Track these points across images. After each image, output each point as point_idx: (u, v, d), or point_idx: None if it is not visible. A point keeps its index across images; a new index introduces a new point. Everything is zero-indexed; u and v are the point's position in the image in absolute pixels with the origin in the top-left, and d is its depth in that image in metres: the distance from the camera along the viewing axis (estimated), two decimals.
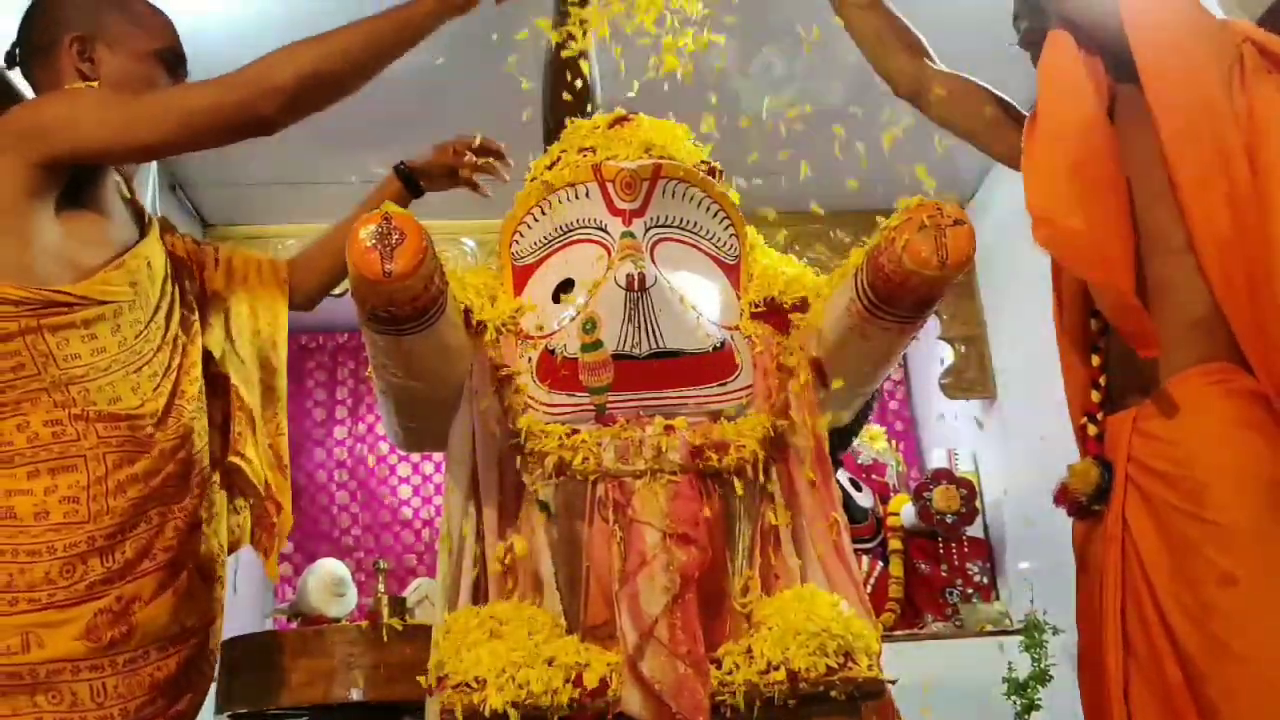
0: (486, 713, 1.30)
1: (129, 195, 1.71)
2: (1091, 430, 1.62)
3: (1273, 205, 1.42)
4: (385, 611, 2.64)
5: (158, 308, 1.62)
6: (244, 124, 1.53)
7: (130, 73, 1.66)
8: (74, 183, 1.54)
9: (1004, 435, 4.11)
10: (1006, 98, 1.84)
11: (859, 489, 4.07)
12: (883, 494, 4.18)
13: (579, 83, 1.88)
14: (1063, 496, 1.63)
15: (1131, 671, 1.48)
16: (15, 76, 1.76)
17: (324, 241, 1.95)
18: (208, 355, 1.75)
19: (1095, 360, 1.65)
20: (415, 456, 4.75)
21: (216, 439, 1.75)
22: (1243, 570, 1.38)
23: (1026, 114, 1.71)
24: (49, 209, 1.50)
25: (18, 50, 1.71)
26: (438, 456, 1.51)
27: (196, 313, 1.74)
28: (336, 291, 4.42)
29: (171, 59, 1.71)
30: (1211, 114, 1.50)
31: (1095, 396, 1.64)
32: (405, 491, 4.77)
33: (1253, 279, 1.44)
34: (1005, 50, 1.81)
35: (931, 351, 4.41)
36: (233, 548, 1.81)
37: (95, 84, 1.62)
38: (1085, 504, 1.59)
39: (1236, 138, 1.47)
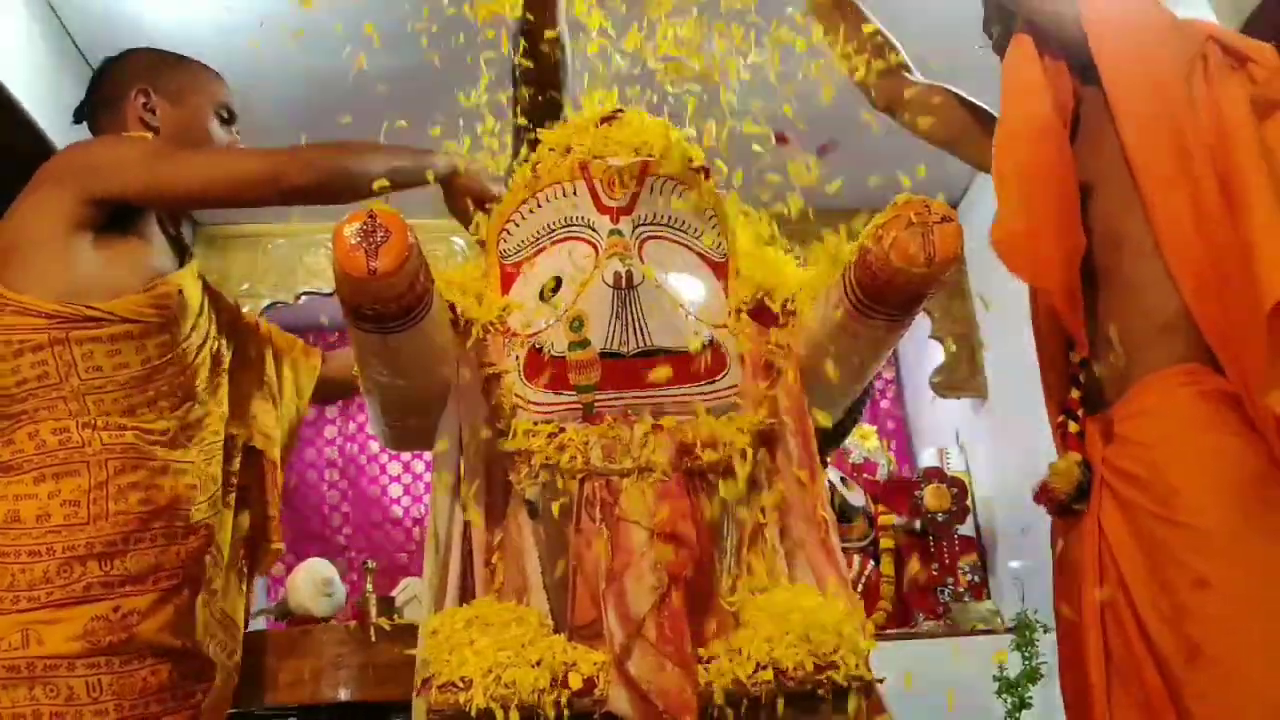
0: (473, 713, 1.30)
1: (174, 232, 1.81)
2: (1072, 428, 1.62)
3: (1247, 202, 1.41)
4: (373, 611, 2.64)
5: (187, 337, 1.69)
6: (271, 185, 1.64)
7: (187, 124, 1.81)
8: (118, 212, 1.65)
9: (995, 434, 4.11)
10: (984, 105, 1.84)
11: (850, 488, 4.07)
12: (874, 493, 4.18)
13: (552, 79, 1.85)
14: (1044, 495, 1.62)
15: (1111, 676, 1.47)
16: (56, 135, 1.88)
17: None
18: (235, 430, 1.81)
19: (1074, 357, 1.64)
20: (406, 455, 4.74)
21: (228, 513, 1.79)
22: (1215, 573, 1.37)
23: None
24: (90, 235, 1.62)
25: (85, 106, 1.87)
26: (429, 455, 1.54)
27: (225, 379, 1.81)
28: (325, 290, 4.40)
29: (225, 114, 1.87)
30: (1172, 114, 1.49)
31: (1074, 394, 1.63)
32: (396, 490, 4.76)
33: (1223, 278, 1.43)
34: (983, 57, 1.81)
35: (923, 350, 4.41)
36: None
37: (152, 134, 1.78)
38: (1066, 502, 1.59)
39: (1199, 137, 1.47)
